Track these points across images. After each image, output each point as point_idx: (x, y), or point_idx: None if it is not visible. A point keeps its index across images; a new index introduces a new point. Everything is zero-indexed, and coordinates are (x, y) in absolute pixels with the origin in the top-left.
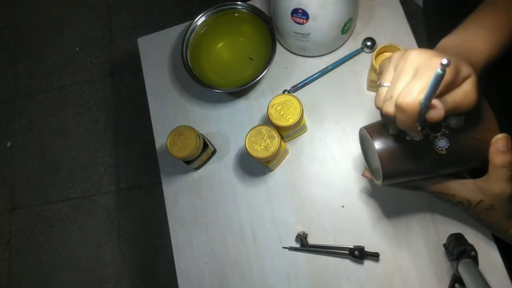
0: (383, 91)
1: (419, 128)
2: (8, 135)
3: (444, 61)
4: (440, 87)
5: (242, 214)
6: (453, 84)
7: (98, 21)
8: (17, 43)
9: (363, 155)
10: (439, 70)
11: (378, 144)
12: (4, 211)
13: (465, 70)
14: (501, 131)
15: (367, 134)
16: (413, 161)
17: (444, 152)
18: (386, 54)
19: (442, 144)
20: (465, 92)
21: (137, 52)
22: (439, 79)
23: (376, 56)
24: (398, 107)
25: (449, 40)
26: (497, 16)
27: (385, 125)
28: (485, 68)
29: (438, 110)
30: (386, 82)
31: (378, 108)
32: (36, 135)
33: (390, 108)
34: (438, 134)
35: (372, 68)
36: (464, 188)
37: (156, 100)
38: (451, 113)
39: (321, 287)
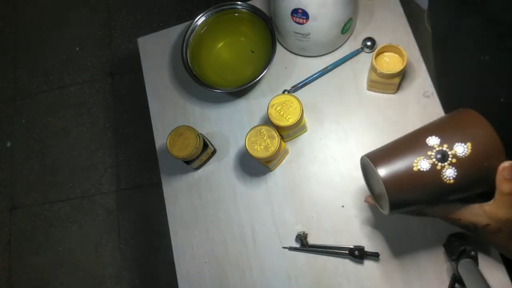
0: None
1: None
2: (8, 135)
3: None
4: None
5: (242, 214)
6: None
7: (98, 21)
8: (17, 43)
9: (365, 182)
10: None
11: (384, 175)
12: (4, 211)
13: None
14: (509, 158)
15: (370, 164)
16: (420, 191)
17: (451, 181)
18: (386, 54)
19: (449, 173)
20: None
21: (137, 52)
22: None
23: (376, 56)
24: None
25: None
26: None
27: (391, 153)
28: None
29: None
30: None
31: None
32: (36, 135)
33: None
34: (446, 163)
35: (372, 68)
36: (470, 212)
37: (156, 100)
38: None
39: (321, 287)
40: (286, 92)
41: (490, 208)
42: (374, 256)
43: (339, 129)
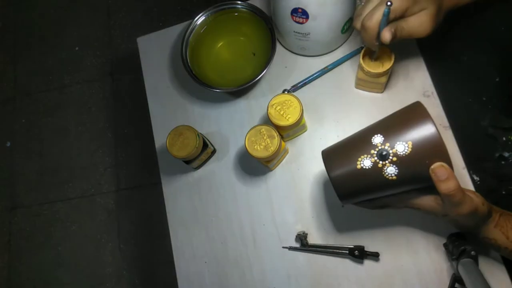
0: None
1: (377, 44)
2: (8, 135)
3: (388, 3)
4: (392, 15)
5: (242, 214)
6: (409, 12)
7: (98, 21)
8: (17, 43)
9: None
10: (385, 9)
11: (331, 171)
12: (4, 211)
13: (424, 2)
14: None
15: (324, 159)
16: (365, 186)
17: (394, 178)
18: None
19: (391, 171)
20: (420, 22)
21: (137, 52)
22: (386, 13)
23: (364, 55)
24: (362, 27)
25: None
26: None
27: (341, 150)
28: (456, 7)
29: (387, 34)
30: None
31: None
32: (36, 135)
33: (357, 24)
34: (387, 161)
35: (359, 67)
36: (426, 203)
37: (156, 100)
38: (405, 36)
39: (321, 287)
40: (286, 92)
41: (441, 203)
42: (374, 256)
43: (339, 128)
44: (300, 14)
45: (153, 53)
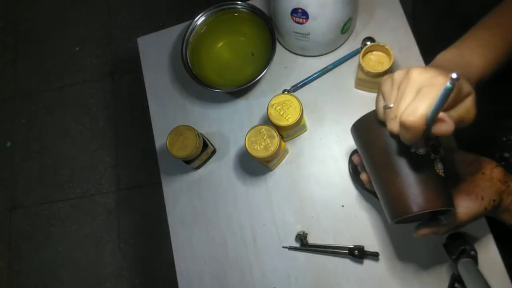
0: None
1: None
2: (8, 135)
3: (454, 76)
4: (447, 102)
5: (242, 214)
6: (456, 101)
7: (98, 21)
8: (17, 43)
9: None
10: (448, 84)
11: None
12: (4, 211)
13: (466, 87)
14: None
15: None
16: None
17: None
18: (375, 53)
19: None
20: (467, 109)
21: (137, 52)
22: (448, 93)
23: (363, 55)
24: (402, 125)
25: (446, 55)
26: (494, 34)
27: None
28: (479, 85)
29: (448, 123)
30: (391, 103)
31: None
32: (36, 135)
33: (395, 127)
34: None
35: (359, 67)
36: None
37: (156, 100)
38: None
39: (321, 287)
40: (286, 92)
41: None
42: (374, 256)
43: (339, 128)
44: (300, 14)
45: (153, 53)
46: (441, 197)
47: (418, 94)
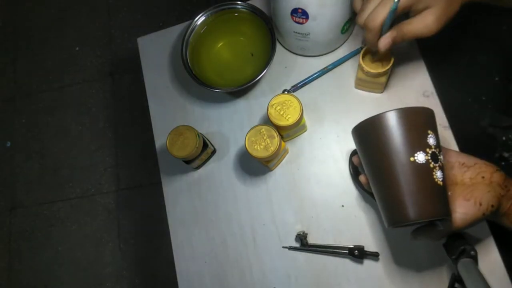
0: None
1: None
2: (8, 135)
3: None
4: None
5: (242, 214)
6: (413, 10)
7: (98, 21)
8: (17, 43)
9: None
10: (393, 5)
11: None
12: (4, 211)
13: (425, 1)
14: None
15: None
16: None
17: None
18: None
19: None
20: (425, 23)
21: (137, 52)
22: (394, 6)
23: (363, 55)
24: (365, 26)
25: None
26: None
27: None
28: (470, 3)
29: (385, 41)
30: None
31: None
32: (36, 135)
33: (361, 21)
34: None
35: (359, 66)
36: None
37: (156, 100)
38: (409, 39)
39: (321, 287)
40: (286, 92)
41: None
42: (374, 256)
43: (339, 128)
44: (300, 14)
45: (153, 53)
46: (437, 206)
47: (382, 1)
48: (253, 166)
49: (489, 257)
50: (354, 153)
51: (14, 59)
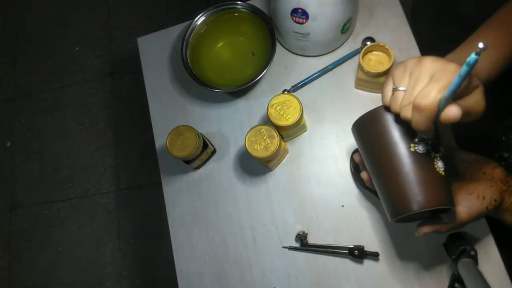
0: (399, 95)
1: (433, 128)
2: (8, 135)
3: (481, 45)
4: (459, 88)
5: (242, 214)
6: (466, 91)
7: (98, 21)
8: (17, 43)
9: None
10: (473, 55)
11: None
12: (4, 211)
13: (476, 80)
14: None
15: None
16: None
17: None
18: (375, 53)
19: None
20: (476, 100)
21: (137, 52)
22: (470, 66)
23: (363, 55)
24: (416, 107)
25: (453, 57)
26: (500, 35)
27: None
28: (485, 85)
29: (456, 109)
30: (402, 86)
31: (395, 112)
32: (36, 135)
33: (409, 113)
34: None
35: (359, 67)
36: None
37: (156, 100)
38: (462, 118)
39: (321, 287)
40: (286, 92)
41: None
42: (374, 256)
43: (339, 128)
44: (300, 14)
45: (153, 53)
46: (441, 196)
47: (431, 80)
48: (253, 166)
49: (489, 257)
50: (355, 151)
51: (14, 59)
